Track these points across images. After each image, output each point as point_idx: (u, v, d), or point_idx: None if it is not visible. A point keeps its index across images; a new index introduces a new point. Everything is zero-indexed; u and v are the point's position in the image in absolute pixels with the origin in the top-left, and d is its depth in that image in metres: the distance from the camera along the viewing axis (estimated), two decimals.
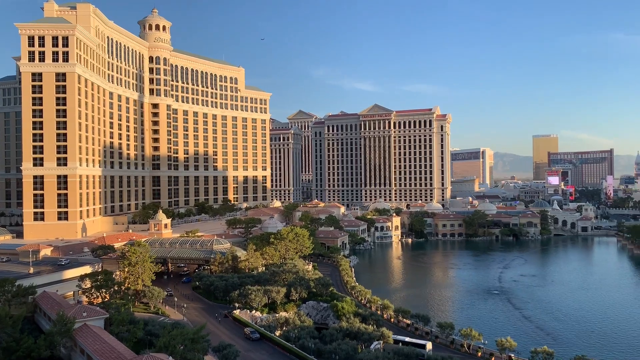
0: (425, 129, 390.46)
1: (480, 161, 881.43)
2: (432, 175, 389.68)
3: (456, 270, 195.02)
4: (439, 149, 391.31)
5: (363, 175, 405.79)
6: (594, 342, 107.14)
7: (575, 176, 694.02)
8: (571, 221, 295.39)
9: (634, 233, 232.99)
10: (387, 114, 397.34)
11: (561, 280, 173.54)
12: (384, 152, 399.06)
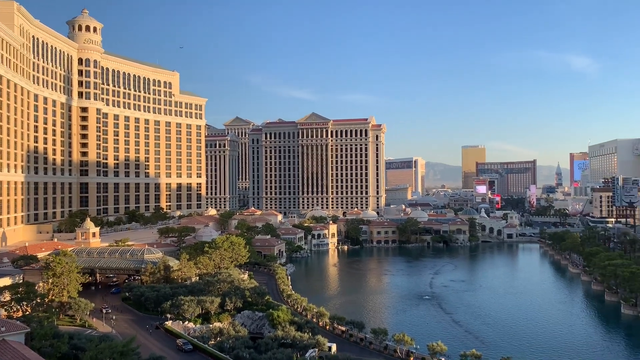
0: (361, 138, 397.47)
1: (413, 170, 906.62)
2: (368, 183, 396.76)
3: (390, 277, 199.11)
4: (374, 157, 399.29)
5: (300, 183, 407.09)
6: (519, 344, 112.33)
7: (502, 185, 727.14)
8: (497, 228, 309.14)
9: (555, 240, 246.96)
10: (324, 123, 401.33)
11: (489, 285, 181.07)
12: (322, 160, 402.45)
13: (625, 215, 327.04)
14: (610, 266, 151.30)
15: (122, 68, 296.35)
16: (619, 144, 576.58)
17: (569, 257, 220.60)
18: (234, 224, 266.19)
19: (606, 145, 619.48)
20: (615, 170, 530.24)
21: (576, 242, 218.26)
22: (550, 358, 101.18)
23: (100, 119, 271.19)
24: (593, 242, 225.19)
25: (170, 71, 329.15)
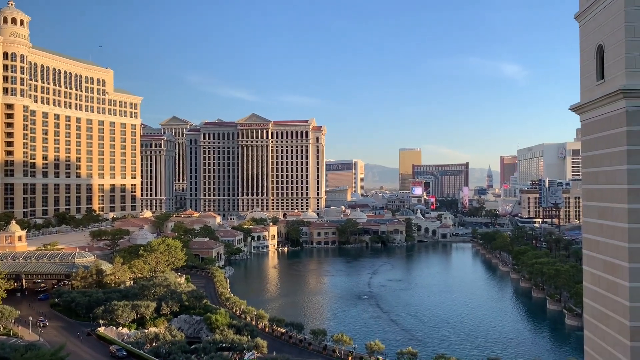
0: (302, 140, 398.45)
1: (352, 172, 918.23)
2: (308, 185, 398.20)
3: (329, 277, 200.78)
4: (315, 159, 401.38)
5: (240, 185, 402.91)
6: (453, 340, 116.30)
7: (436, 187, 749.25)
8: (432, 228, 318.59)
9: (486, 239, 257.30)
10: (264, 124, 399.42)
11: (424, 283, 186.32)
12: (262, 161, 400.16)
13: (551, 215, 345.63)
14: (537, 264, 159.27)
15: (52, 64, 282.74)
16: (545, 148, 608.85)
17: (499, 256, 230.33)
18: (170, 227, 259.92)
19: (534, 149, 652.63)
20: (541, 172, 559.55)
21: (506, 241, 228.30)
22: (482, 353, 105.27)
23: (28, 116, 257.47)
24: (521, 241, 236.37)
25: (104, 68, 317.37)
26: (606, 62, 28.09)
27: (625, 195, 25.77)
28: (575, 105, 31.68)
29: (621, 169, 26.16)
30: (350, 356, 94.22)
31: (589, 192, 30.87)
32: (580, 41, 31.66)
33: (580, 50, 31.69)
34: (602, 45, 28.38)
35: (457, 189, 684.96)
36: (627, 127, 25.72)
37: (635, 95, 25.53)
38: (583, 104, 30.52)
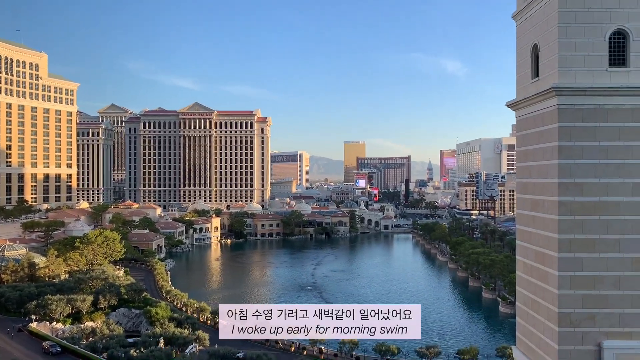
0: (246, 131, 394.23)
1: (297, 164, 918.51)
2: (253, 176, 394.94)
3: (273, 269, 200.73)
4: (260, 150, 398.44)
5: (182, 175, 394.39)
6: None
7: (379, 179, 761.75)
8: (375, 220, 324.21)
9: (426, 230, 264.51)
10: (208, 113, 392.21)
11: (367, 274, 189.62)
12: (205, 152, 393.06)
13: (487, 207, 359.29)
14: (473, 254, 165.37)
15: None
16: (482, 142, 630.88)
17: (438, 247, 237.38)
18: (108, 218, 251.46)
19: (471, 144, 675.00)
20: (479, 166, 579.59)
21: (444, 232, 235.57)
22: (420, 341, 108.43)
23: None
24: (459, 232, 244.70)
25: (37, 52, 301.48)
26: (540, 60, 29.37)
27: (556, 189, 27.11)
28: (511, 102, 32.97)
29: (552, 164, 27.49)
30: (292, 346, 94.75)
31: (522, 185, 32.30)
32: (516, 40, 32.95)
33: (516, 49, 32.98)
34: (537, 45, 29.62)
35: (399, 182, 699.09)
36: (559, 123, 27.03)
37: (566, 93, 26.85)
38: (518, 101, 31.81)
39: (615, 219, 26.69)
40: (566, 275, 26.70)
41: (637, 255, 26.60)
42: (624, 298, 26.55)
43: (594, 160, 26.81)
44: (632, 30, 26.74)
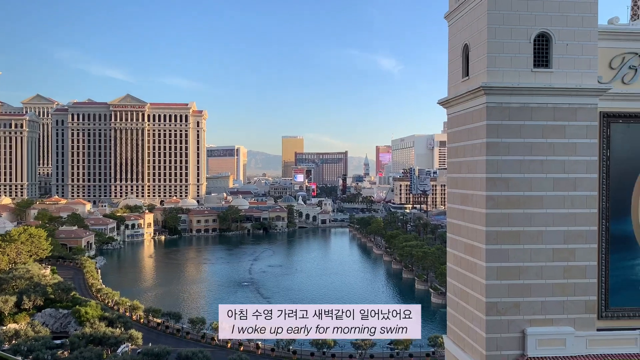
0: (181, 124, 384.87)
1: (234, 158, 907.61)
2: (188, 171, 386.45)
3: (209, 265, 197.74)
4: (195, 144, 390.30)
5: (113, 170, 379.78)
6: None
7: (317, 174, 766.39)
8: (313, 215, 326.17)
9: (362, 224, 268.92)
10: (140, 106, 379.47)
11: (304, 268, 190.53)
12: (137, 145, 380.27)
13: (420, 202, 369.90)
14: (407, 247, 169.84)
15: None
16: (416, 139, 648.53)
17: (373, 240, 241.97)
18: (33, 214, 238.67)
19: (406, 140, 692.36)
20: (412, 162, 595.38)
21: (379, 226, 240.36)
22: None
23: None
24: (394, 225, 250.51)
25: None
26: (471, 60, 30.50)
27: (484, 184, 28.31)
28: (442, 100, 34.06)
29: (481, 160, 28.68)
30: (229, 343, 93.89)
31: (453, 180, 33.49)
32: (448, 40, 34.04)
33: (448, 48, 34.08)
34: (468, 45, 30.73)
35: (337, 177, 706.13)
36: (487, 121, 28.21)
37: (494, 92, 28.04)
38: (450, 99, 32.92)
39: (538, 212, 28.22)
40: (493, 266, 27.98)
41: (558, 247, 28.25)
42: (546, 287, 28.16)
43: (519, 157, 28.19)
44: (554, 33, 28.27)
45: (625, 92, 29.47)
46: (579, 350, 27.90)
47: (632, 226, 29.80)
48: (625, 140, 29.69)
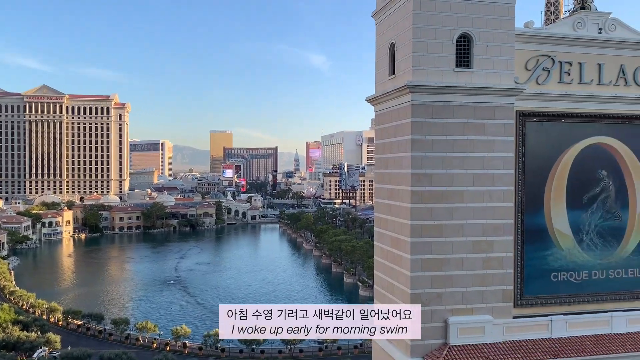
0: (102, 117, 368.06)
1: (160, 153, 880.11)
2: (110, 165, 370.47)
3: (133, 264, 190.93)
4: (117, 138, 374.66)
5: (27, 165, 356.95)
6: None
7: (247, 170, 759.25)
8: (242, 211, 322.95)
9: (292, 220, 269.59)
10: (58, 97, 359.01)
11: (233, 265, 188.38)
12: (55, 139, 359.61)
13: (349, 197, 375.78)
14: (336, 242, 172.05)
15: None
16: (345, 135, 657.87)
17: (303, 235, 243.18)
18: None
19: (335, 136, 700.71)
20: (342, 158, 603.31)
21: (309, 221, 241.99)
22: None
23: None
24: (323, 221, 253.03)
25: None
26: (397, 59, 31.21)
27: (409, 179, 29.11)
28: (370, 97, 34.66)
29: (406, 156, 29.47)
30: (154, 343, 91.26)
31: (380, 175, 34.22)
32: (376, 38, 34.65)
33: (375, 47, 34.69)
34: (394, 43, 31.42)
35: (267, 172, 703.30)
36: (412, 118, 29.00)
37: (419, 90, 28.86)
38: (377, 96, 33.54)
39: (459, 206, 29.41)
40: (417, 258, 28.88)
41: (477, 239, 29.58)
42: (466, 278, 29.43)
43: (442, 153, 29.22)
44: (475, 35, 29.48)
45: (539, 93, 31.27)
46: (496, 337, 29.39)
47: (544, 219, 31.73)
48: (539, 138, 31.54)
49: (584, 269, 32.18)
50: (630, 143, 32.59)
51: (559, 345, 29.54)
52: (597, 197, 32.34)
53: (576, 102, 31.75)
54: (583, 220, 32.15)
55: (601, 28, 32.08)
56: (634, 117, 32.61)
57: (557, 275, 31.88)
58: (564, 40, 31.60)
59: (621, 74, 32.38)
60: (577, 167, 31.88)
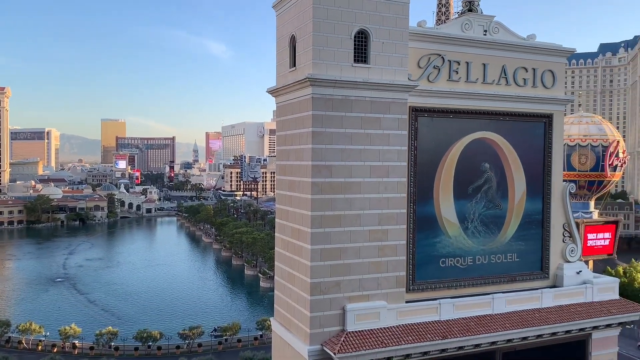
0: None
1: (45, 142, 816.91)
2: None
3: (15, 262, 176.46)
4: None
5: None
6: (159, 315, 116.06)
7: (142, 161, 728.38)
8: (137, 203, 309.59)
9: (191, 212, 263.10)
10: None
11: (127, 260, 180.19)
12: None
13: (250, 188, 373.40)
14: (237, 234, 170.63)
15: None
16: (246, 126, 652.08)
17: (203, 228, 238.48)
18: None
19: (236, 127, 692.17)
20: (243, 149, 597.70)
21: (209, 214, 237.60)
22: (186, 322, 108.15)
23: None
24: (224, 213, 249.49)
25: None
26: (297, 51, 31.42)
27: (309, 171, 29.55)
28: (271, 89, 34.62)
29: (307, 148, 29.86)
30: (39, 345, 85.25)
31: (281, 167, 34.39)
32: (276, 29, 34.63)
33: (276, 38, 34.68)
34: (295, 36, 31.60)
35: (163, 163, 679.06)
36: (312, 111, 29.40)
37: (319, 84, 29.29)
38: (278, 88, 33.59)
39: (357, 197, 30.36)
40: (317, 248, 29.45)
41: (374, 228, 30.74)
42: (363, 265, 30.49)
43: (341, 145, 29.93)
44: (372, 32, 30.43)
45: (430, 90, 32.98)
46: (390, 321, 30.76)
47: (434, 208, 33.65)
48: (430, 133, 33.34)
49: (469, 255, 34.57)
50: (510, 138, 35.43)
51: (447, 326, 31.54)
52: (481, 188, 34.84)
53: (463, 99, 33.88)
54: (468, 209, 34.49)
55: (486, 30, 34.46)
56: (513, 114, 35.47)
57: (445, 261, 33.97)
58: (453, 41, 33.54)
59: (503, 74, 35.03)
60: (463, 160, 34.09)
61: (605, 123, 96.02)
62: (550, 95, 36.18)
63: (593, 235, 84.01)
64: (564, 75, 37.91)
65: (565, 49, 36.61)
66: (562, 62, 37.20)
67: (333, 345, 28.41)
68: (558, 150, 36.76)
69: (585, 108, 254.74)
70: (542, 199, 36.46)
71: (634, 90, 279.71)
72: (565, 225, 37.13)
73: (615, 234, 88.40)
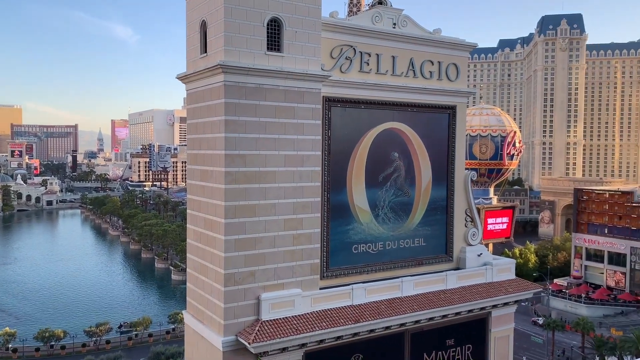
0: None
1: None
2: None
3: None
4: None
5: None
6: (61, 313, 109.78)
7: (41, 150, 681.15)
8: (36, 195, 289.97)
9: (96, 204, 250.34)
10: None
11: (26, 256, 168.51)
12: None
13: (160, 179, 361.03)
14: (146, 226, 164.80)
15: None
16: (155, 113, 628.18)
17: (109, 221, 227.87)
18: None
19: (144, 114, 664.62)
20: (152, 137, 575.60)
21: (116, 205, 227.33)
22: (92, 319, 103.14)
23: None
24: (132, 204, 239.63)
25: None
26: (209, 37, 30.67)
27: (222, 160, 29.08)
28: (181, 75, 33.58)
29: (220, 136, 29.34)
30: None
31: (193, 156, 33.55)
32: (186, 14, 33.56)
33: (186, 23, 33.62)
34: (206, 21, 30.81)
35: (65, 153, 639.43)
36: (225, 99, 28.89)
37: (231, 71, 28.80)
38: (189, 74, 32.64)
39: (272, 187, 30.33)
40: (231, 238, 29.13)
41: (288, 217, 30.90)
42: (278, 254, 30.60)
43: (255, 134, 29.69)
44: (285, 20, 30.34)
45: (343, 80, 33.53)
46: (305, 308, 31.21)
47: (347, 197, 34.44)
48: (343, 123, 33.98)
49: (379, 241, 35.80)
50: (416, 128, 36.96)
51: (359, 311, 32.53)
52: (391, 176, 36.12)
53: (374, 90, 34.80)
54: (379, 197, 35.66)
55: (395, 23, 35.54)
56: (419, 105, 36.99)
57: (357, 247, 34.94)
58: (364, 32, 34.28)
59: (411, 67, 36.35)
60: (374, 149, 35.13)
61: (504, 115, 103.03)
62: (454, 88, 38.10)
63: (492, 219, 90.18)
64: (466, 68, 40.07)
65: (467, 44, 38.61)
66: (465, 56, 39.23)
67: (247, 335, 28.38)
68: (461, 140, 38.87)
69: (485, 100, 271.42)
70: (446, 186, 38.45)
71: (529, 84, 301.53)
72: (467, 210, 39.43)
73: (512, 219, 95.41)
